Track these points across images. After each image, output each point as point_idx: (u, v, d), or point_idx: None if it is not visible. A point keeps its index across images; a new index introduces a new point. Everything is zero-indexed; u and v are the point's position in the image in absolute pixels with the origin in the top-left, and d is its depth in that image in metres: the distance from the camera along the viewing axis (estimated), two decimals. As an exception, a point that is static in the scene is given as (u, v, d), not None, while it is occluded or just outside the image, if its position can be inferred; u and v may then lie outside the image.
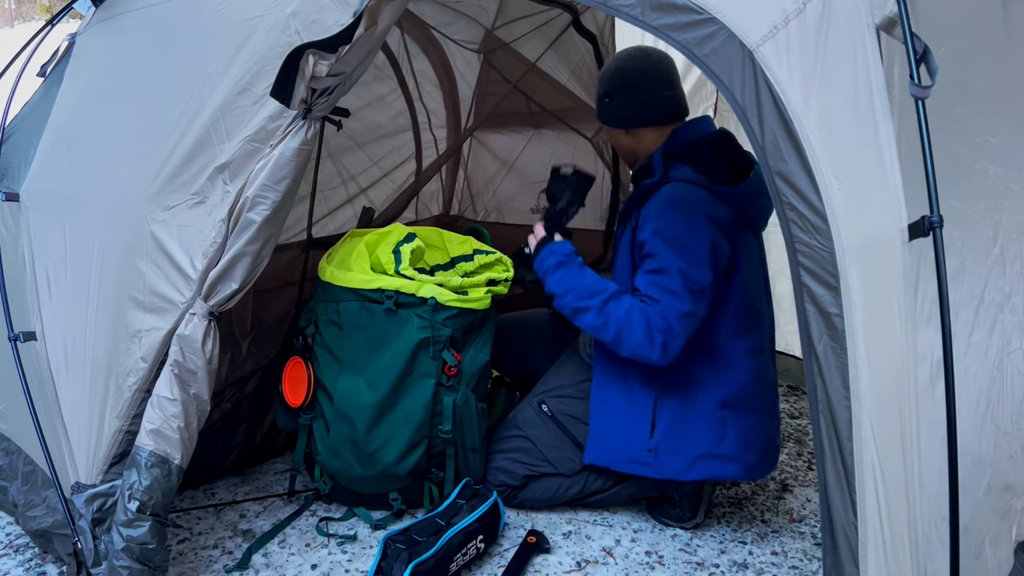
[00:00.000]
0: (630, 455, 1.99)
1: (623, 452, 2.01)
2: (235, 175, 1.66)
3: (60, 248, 1.83)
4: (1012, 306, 1.50)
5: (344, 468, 2.05)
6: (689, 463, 1.96)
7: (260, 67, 1.65)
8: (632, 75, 2.06)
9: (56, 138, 1.95)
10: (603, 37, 3.06)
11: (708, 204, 1.90)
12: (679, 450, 1.96)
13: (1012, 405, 1.49)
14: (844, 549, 1.24)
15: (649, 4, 1.34)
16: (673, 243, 1.87)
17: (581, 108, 3.17)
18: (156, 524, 1.63)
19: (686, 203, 1.90)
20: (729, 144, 2.07)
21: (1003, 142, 1.54)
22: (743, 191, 1.96)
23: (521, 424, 2.17)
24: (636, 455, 1.98)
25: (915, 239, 1.17)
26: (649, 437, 1.97)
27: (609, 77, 2.10)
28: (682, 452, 1.96)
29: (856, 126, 1.21)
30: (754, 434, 1.99)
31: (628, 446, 1.99)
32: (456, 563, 1.83)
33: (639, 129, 2.08)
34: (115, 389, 1.71)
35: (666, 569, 1.94)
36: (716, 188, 1.92)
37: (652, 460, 1.97)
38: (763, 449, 2.01)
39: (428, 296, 1.99)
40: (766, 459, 2.04)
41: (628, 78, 2.06)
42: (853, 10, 1.22)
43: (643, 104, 2.06)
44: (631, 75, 2.06)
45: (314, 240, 2.55)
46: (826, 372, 1.23)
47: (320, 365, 2.09)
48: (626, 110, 2.08)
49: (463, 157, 3.42)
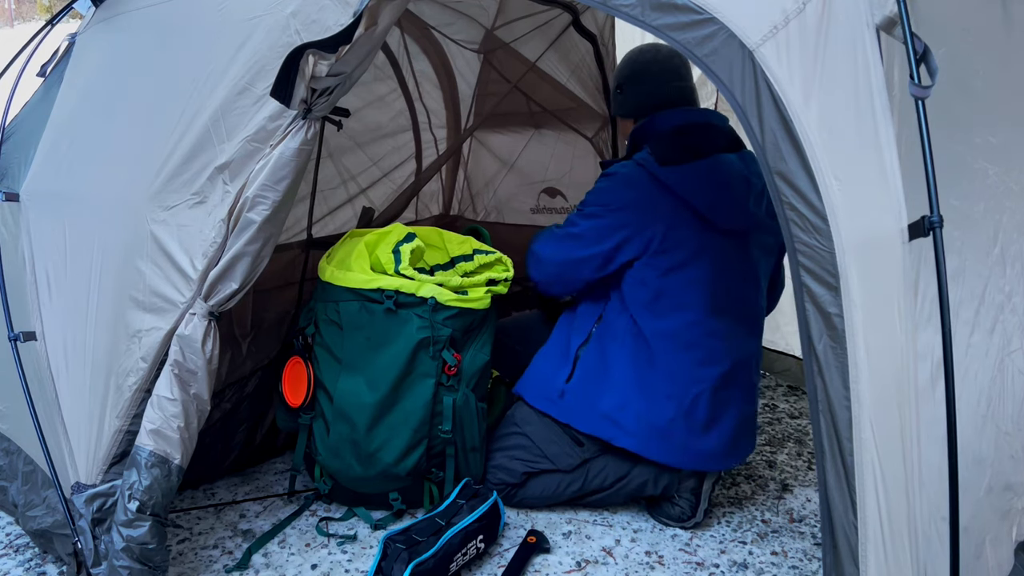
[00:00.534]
0: (545, 392, 2.12)
1: (541, 388, 2.13)
2: (235, 175, 1.66)
3: (60, 248, 1.83)
4: (1012, 306, 1.50)
5: (344, 468, 2.06)
6: (592, 419, 2.05)
7: (260, 67, 1.65)
8: (640, 66, 2.18)
9: (56, 138, 1.95)
10: (603, 37, 3.06)
11: (627, 183, 2.02)
12: (585, 403, 2.06)
13: (1013, 405, 1.49)
14: (844, 549, 1.23)
15: (649, 4, 1.34)
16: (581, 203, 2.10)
17: (581, 108, 3.17)
18: (156, 524, 1.63)
19: (609, 177, 2.06)
20: (697, 129, 2.10)
21: (1003, 142, 1.54)
22: (685, 172, 1.98)
23: (519, 421, 2.17)
24: (549, 393, 2.11)
25: (915, 239, 1.16)
26: (565, 381, 2.08)
27: (620, 70, 2.24)
28: (587, 405, 2.05)
29: (856, 126, 1.21)
30: (657, 419, 2.00)
31: (546, 385, 2.12)
32: (456, 563, 1.83)
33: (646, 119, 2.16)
34: (115, 389, 1.71)
35: (666, 569, 1.94)
36: (657, 168, 1.98)
37: (560, 401, 2.08)
38: (667, 436, 2.00)
39: (428, 296, 1.99)
40: (671, 449, 2.02)
41: (636, 68, 2.19)
42: (853, 10, 1.22)
43: (649, 94, 2.15)
44: (639, 66, 2.18)
45: (314, 240, 2.55)
46: (826, 372, 1.23)
47: (320, 365, 2.09)
48: (633, 100, 2.19)
49: (463, 157, 3.42)
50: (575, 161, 3.29)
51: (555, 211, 3.39)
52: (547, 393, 2.11)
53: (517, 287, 2.24)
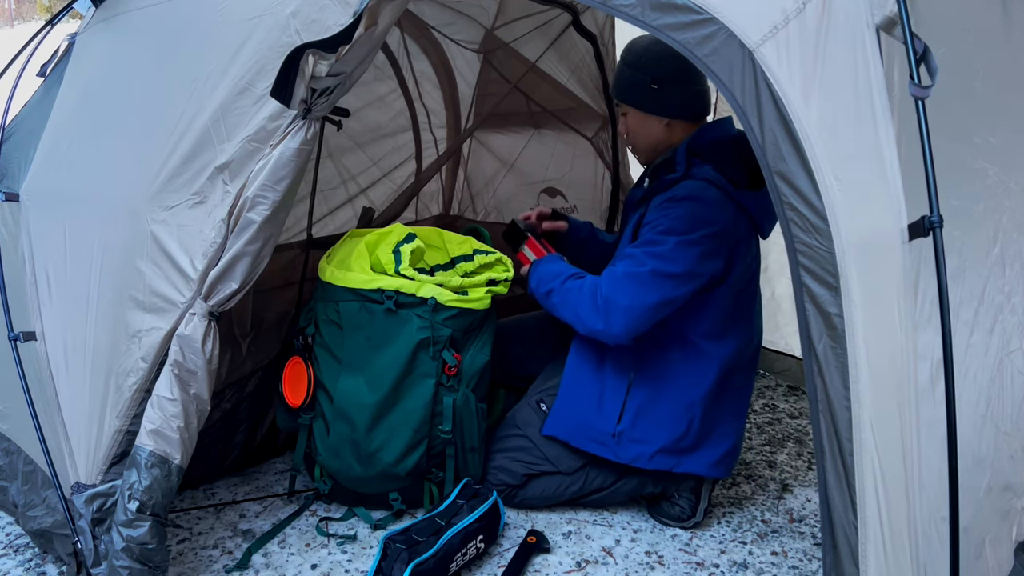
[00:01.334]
0: (592, 435, 2.04)
1: (586, 431, 2.05)
2: (235, 175, 1.66)
3: (60, 248, 1.82)
4: (1012, 306, 1.51)
5: (344, 468, 2.05)
6: (650, 454, 2.00)
7: (260, 67, 1.65)
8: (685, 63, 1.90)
9: (56, 138, 1.95)
10: (603, 37, 3.06)
11: (718, 206, 1.91)
12: (642, 440, 2.00)
13: (1012, 405, 1.49)
14: (844, 549, 1.24)
15: (649, 4, 1.34)
16: (661, 231, 1.89)
17: (581, 108, 3.17)
18: (156, 524, 1.63)
19: (695, 201, 1.89)
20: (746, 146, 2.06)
21: (1003, 142, 1.54)
22: (759, 197, 1.95)
23: (520, 423, 2.17)
24: (599, 436, 2.03)
25: (915, 239, 1.17)
26: (616, 423, 2.01)
27: (657, 62, 1.98)
28: (644, 442, 2.00)
29: (856, 126, 1.21)
30: (715, 434, 2.03)
31: (592, 426, 2.04)
32: (456, 563, 1.83)
33: (677, 121, 2.05)
34: (115, 389, 1.71)
35: (666, 569, 1.94)
36: (734, 192, 1.93)
37: (614, 444, 2.01)
38: (722, 449, 2.05)
39: (428, 296, 1.99)
40: (724, 459, 2.06)
41: (681, 66, 1.92)
42: (853, 10, 1.22)
43: (692, 95, 2.04)
44: (684, 63, 1.89)
45: (314, 240, 2.54)
46: (826, 372, 1.23)
47: (320, 365, 2.09)
48: (675, 100, 2.02)
49: (463, 157, 3.42)
50: (575, 161, 3.29)
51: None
52: (595, 436, 2.03)
53: (519, 289, 2.22)
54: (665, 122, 2.05)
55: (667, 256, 1.87)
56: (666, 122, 2.05)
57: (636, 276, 1.88)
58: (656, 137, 2.08)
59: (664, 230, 1.89)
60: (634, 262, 1.91)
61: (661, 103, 2.03)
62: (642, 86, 2.01)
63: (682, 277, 1.88)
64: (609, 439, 2.01)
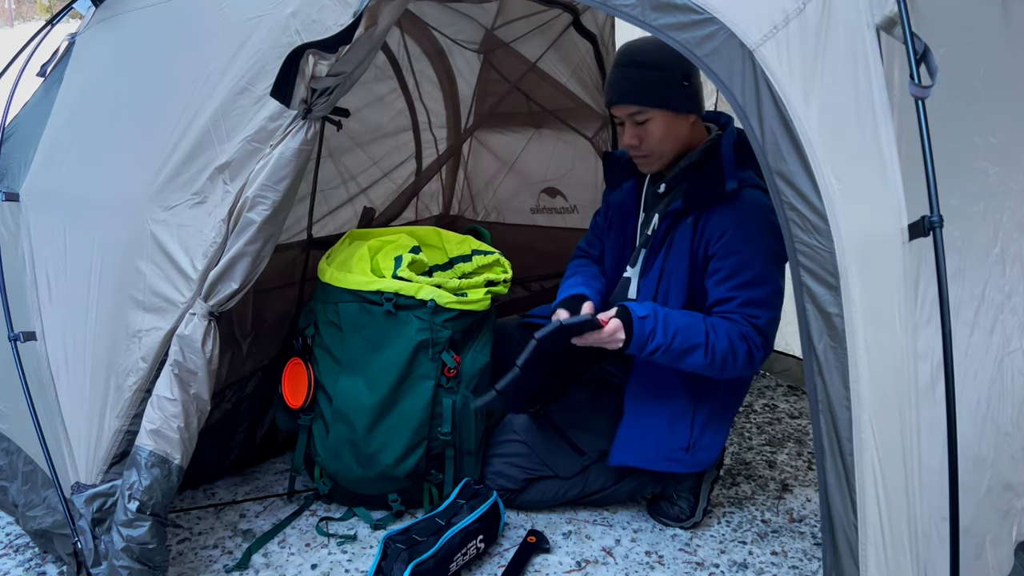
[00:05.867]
0: (664, 454, 2.01)
1: (658, 452, 2.02)
2: (235, 175, 1.66)
3: (60, 248, 1.82)
4: (1012, 306, 1.51)
5: (343, 469, 2.05)
6: (715, 458, 2.06)
7: (260, 67, 1.65)
8: None
9: (56, 138, 1.95)
10: (603, 37, 3.06)
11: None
12: (710, 446, 2.03)
13: (1012, 405, 1.49)
14: (844, 549, 1.24)
15: (649, 4, 1.34)
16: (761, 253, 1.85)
17: (581, 108, 3.17)
18: (156, 524, 1.63)
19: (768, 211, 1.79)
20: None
21: (1003, 142, 1.54)
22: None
23: (518, 429, 2.16)
24: (671, 454, 2.01)
25: (915, 239, 1.17)
26: (689, 436, 2.01)
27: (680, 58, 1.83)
28: (712, 448, 2.04)
29: (856, 126, 1.21)
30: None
31: (664, 446, 2.01)
32: (456, 563, 1.83)
33: (697, 118, 1.96)
34: (115, 389, 1.71)
35: (666, 569, 1.94)
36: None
37: (688, 457, 2.01)
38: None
39: (427, 298, 1.99)
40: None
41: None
42: (853, 10, 1.22)
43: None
44: None
45: (314, 240, 2.54)
46: (826, 372, 1.23)
47: (320, 366, 2.09)
48: (701, 94, 1.93)
49: (463, 157, 3.42)
50: (575, 161, 3.29)
51: (555, 211, 3.39)
52: (668, 455, 2.01)
53: (525, 291, 2.20)
54: (692, 120, 1.94)
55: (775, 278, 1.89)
56: (692, 119, 1.94)
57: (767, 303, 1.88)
58: (684, 138, 1.96)
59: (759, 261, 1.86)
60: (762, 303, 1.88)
61: (693, 99, 1.92)
62: (674, 84, 1.87)
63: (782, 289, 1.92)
64: (682, 454, 2.00)
